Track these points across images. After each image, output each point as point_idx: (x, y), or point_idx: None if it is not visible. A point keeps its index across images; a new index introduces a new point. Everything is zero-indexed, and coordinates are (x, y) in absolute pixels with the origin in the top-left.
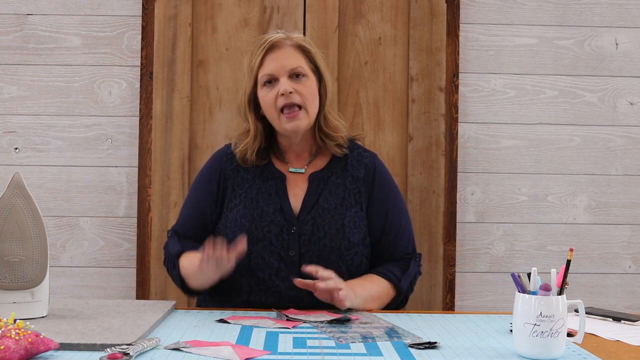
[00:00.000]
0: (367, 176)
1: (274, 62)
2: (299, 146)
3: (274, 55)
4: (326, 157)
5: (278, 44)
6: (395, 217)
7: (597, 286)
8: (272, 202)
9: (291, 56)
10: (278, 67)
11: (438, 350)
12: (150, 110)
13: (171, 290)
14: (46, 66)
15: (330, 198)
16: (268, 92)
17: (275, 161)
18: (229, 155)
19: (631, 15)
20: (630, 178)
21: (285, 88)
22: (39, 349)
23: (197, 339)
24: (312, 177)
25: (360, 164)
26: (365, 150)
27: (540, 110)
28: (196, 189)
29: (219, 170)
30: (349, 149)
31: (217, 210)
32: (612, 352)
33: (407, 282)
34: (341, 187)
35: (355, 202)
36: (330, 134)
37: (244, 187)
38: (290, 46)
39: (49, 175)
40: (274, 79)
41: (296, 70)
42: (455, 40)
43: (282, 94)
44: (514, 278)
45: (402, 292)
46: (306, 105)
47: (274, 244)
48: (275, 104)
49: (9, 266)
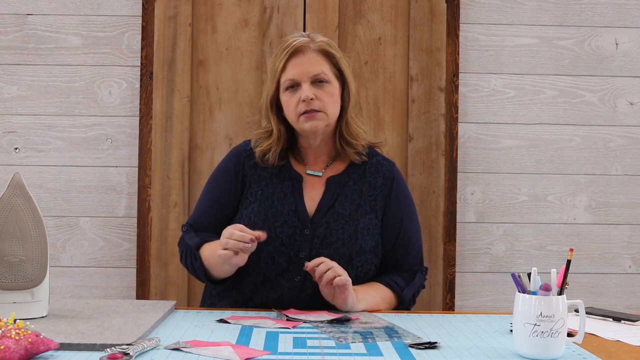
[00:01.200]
0: (384, 185)
1: (296, 68)
2: (319, 149)
3: (297, 61)
4: (344, 162)
5: (302, 49)
6: (409, 229)
7: (597, 286)
8: (287, 203)
9: (314, 61)
10: (300, 73)
11: (438, 350)
12: (150, 110)
13: (171, 290)
14: (46, 66)
15: (346, 203)
16: (290, 96)
17: (293, 162)
18: (248, 152)
19: (631, 15)
20: (630, 178)
21: (306, 94)
22: (39, 349)
23: (197, 339)
24: (330, 181)
25: (379, 172)
26: (384, 159)
27: (540, 110)
28: (213, 184)
29: (238, 166)
30: (368, 156)
31: (234, 206)
32: (612, 352)
33: (410, 293)
34: (357, 193)
35: (371, 209)
36: (350, 140)
37: (260, 185)
38: (314, 51)
39: (49, 175)
40: (296, 84)
41: (319, 76)
42: (455, 40)
43: (303, 100)
44: (514, 278)
45: (404, 303)
46: (326, 110)
47: (285, 244)
48: (296, 108)
49: (9, 266)
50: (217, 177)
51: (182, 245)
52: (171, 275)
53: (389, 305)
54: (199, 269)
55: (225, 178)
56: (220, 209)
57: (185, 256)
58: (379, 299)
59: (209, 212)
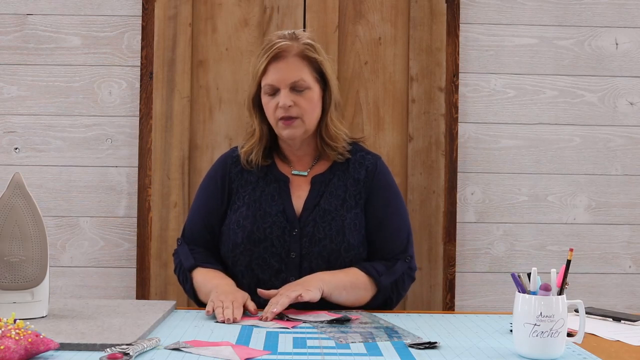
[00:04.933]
0: (367, 177)
1: (276, 73)
2: (301, 150)
3: (277, 66)
4: (329, 160)
5: (283, 54)
6: (390, 216)
7: (597, 286)
8: (275, 204)
9: (293, 67)
10: (279, 79)
11: (438, 350)
12: (150, 110)
13: (171, 290)
14: (46, 66)
15: (331, 199)
16: (270, 100)
17: (279, 163)
18: (234, 159)
19: (631, 15)
20: (630, 178)
21: (284, 102)
22: (39, 349)
23: (197, 339)
24: (314, 180)
25: (362, 166)
26: (368, 153)
27: (540, 110)
28: (203, 194)
29: (225, 174)
30: (352, 152)
31: (223, 213)
32: (612, 352)
33: (390, 279)
34: (342, 188)
35: (356, 204)
36: (330, 143)
37: (247, 190)
38: (295, 56)
39: (49, 175)
40: (276, 89)
41: (297, 83)
42: (455, 40)
43: (280, 107)
44: (514, 278)
45: (383, 289)
46: (303, 117)
47: (276, 245)
48: (274, 113)
49: (9, 266)
50: (205, 186)
51: (177, 260)
52: (171, 275)
53: (365, 289)
54: (189, 291)
55: (212, 186)
56: (210, 218)
57: (179, 272)
58: (349, 282)
59: (200, 222)
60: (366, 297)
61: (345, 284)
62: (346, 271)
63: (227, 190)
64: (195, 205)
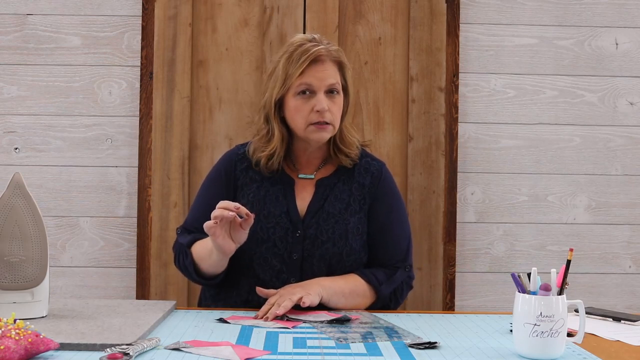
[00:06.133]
0: (372, 184)
1: (315, 75)
2: (312, 153)
3: (317, 68)
4: (335, 164)
5: (321, 58)
6: (393, 223)
7: (597, 286)
8: (279, 205)
9: (332, 72)
10: (319, 82)
11: (438, 350)
12: (150, 110)
13: (171, 290)
14: (46, 66)
15: (336, 203)
16: (302, 102)
17: (284, 165)
18: (240, 156)
19: (631, 15)
20: (630, 178)
21: (322, 106)
22: (39, 349)
23: (197, 339)
24: (319, 183)
25: (367, 172)
26: (374, 159)
27: (540, 110)
28: (206, 189)
29: (230, 171)
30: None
31: None
32: (612, 352)
33: (390, 288)
34: (347, 192)
35: (360, 208)
36: (343, 149)
37: (252, 188)
38: (331, 61)
39: (49, 175)
40: (311, 91)
41: (333, 86)
42: (455, 40)
43: (317, 111)
44: (514, 278)
45: (382, 297)
46: (334, 122)
47: (278, 246)
48: (308, 116)
49: (9, 266)
50: (210, 182)
51: (176, 247)
52: (171, 275)
53: (364, 296)
54: (190, 265)
55: (217, 183)
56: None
57: (178, 256)
58: (348, 289)
59: (202, 216)
60: (364, 304)
61: (345, 291)
62: (346, 278)
63: (233, 186)
64: (198, 200)
